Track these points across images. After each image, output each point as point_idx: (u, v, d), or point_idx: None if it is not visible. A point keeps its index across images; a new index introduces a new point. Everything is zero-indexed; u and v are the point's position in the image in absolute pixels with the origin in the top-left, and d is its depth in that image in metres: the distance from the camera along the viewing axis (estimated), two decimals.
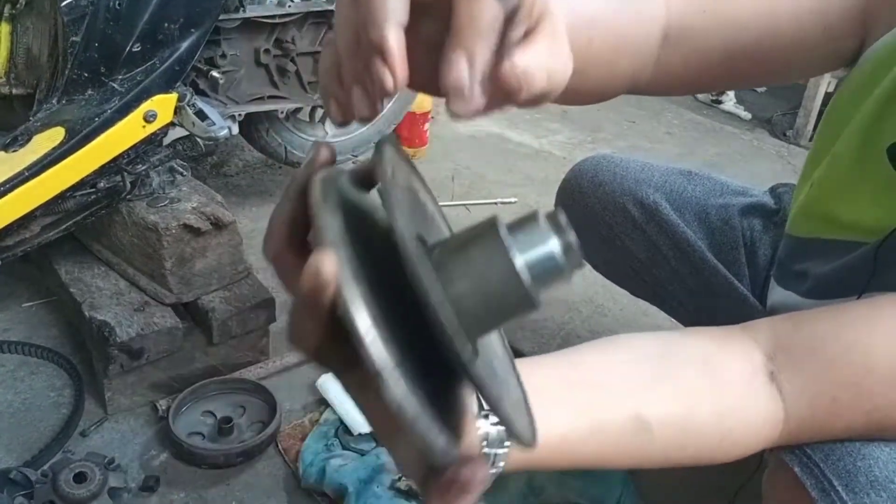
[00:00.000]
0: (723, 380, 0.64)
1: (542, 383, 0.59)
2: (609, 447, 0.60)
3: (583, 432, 0.59)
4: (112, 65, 1.18)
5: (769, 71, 0.82)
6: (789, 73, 0.85)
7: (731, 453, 0.65)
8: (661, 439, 0.61)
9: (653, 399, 0.61)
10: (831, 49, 0.80)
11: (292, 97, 1.61)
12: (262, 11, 1.46)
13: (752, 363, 0.65)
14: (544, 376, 0.60)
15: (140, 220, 1.26)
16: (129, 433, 1.23)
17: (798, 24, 0.77)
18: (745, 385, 0.64)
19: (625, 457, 0.62)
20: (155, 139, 1.24)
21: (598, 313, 1.66)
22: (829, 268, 0.84)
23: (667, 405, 0.61)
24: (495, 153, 2.37)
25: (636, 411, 0.60)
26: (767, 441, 0.65)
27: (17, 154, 1.11)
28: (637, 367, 0.63)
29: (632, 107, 2.79)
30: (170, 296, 1.28)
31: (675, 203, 1.11)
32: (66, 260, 1.35)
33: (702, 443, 0.63)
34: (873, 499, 0.61)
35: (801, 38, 0.78)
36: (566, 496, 1.15)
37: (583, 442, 0.59)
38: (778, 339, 0.66)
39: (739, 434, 0.64)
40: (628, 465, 0.63)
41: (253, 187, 2.01)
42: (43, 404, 1.27)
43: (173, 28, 1.21)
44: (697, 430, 0.63)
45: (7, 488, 1.06)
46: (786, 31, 0.77)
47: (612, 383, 0.62)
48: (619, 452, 0.61)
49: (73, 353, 1.36)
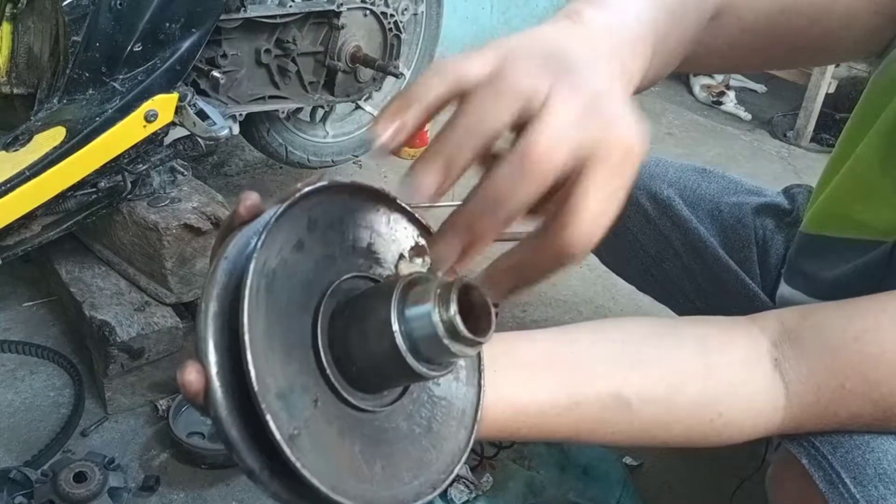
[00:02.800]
0: (719, 361, 0.64)
1: (528, 358, 0.61)
2: (588, 423, 0.61)
3: (561, 406, 0.60)
4: (113, 64, 1.18)
5: (816, 49, 0.81)
6: (835, 54, 0.84)
7: (726, 435, 0.65)
8: (642, 417, 0.62)
9: (636, 378, 0.62)
10: (877, 26, 0.78)
11: (293, 97, 1.61)
12: (264, 11, 1.46)
13: (757, 349, 0.65)
14: (532, 350, 0.62)
15: (141, 220, 1.26)
16: (130, 433, 1.23)
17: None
18: (744, 368, 0.64)
19: (605, 433, 0.62)
20: (156, 139, 1.24)
21: (597, 314, 1.66)
22: (841, 269, 0.84)
23: (651, 384, 0.62)
24: None
25: (617, 389, 0.61)
26: (768, 426, 0.65)
27: (18, 153, 1.11)
28: (626, 348, 0.64)
29: None
30: (170, 295, 1.28)
31: (688, 199, 1.11)
32: (67, 259, 1.35)
33: (690, 423, 0.63)
34: (881, 491, 0.61)
35: (851, 15, 0.77)
36: (565, 496, 1.15)
37: (560, 416, 0.60)
38: (785, 328, 0.66)
39: (734, 416, 0.64)
40: (611, 441, 0.64)
41: (253, 187, 1.99)
42: (43, 404, 1.27)
43: (174, 28, 1.21)
44: (684, 409, 0.63)
45: (7, 488, 1.06)
46: (837, 8, 0.76)
47: (597, 361, 0.63)
48: (599, 428, 0.62)
49: (73, 352, 1.36)
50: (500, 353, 0.59)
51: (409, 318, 0.42)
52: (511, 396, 0.58)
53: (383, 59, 1.68)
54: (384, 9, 1.65)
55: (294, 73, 1.58)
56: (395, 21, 1.68)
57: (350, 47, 1.61)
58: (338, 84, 1.65)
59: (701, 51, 0.73)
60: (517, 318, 1.61)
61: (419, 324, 0.42)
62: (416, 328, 0.42)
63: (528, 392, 0.59)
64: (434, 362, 0.43)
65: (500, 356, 0.59)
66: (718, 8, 0.73)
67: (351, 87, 1.68)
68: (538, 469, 1.18)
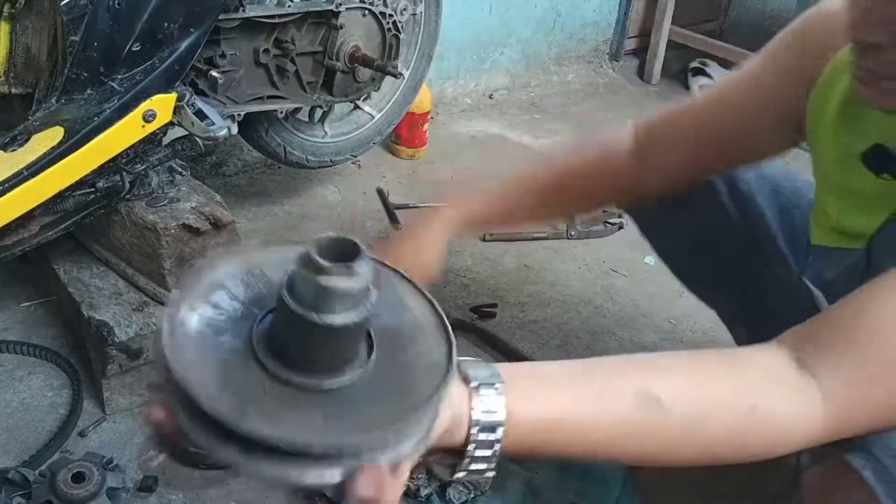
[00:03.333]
0: (743, 365, 0.65)
1: (549, 371, 0.60)
2: (618, 427, 0.59)
3: (586, 412, 0.58)
4: (111, 64, 1.18)
5: (741, 163, 1.00)
6: (756, 156, 1.00)
7: (765, 433, 0.63)
8: (674, 415, 0.59)
9: (663, 378, 0.61)
10: (781, 139, 0.96)
11: (291, 97, 1.61)
12: (262, 11, 1.46)
13: (779, 357, 0.66)
14: (554, 366, 0.61)
15: (139, 220, 1.26)
16: (128, 433, 1.23)
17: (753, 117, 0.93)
18: (769, 370, 0.65)
19: (639, 437, 0.60)
20: (154, 139, 1.24)
21: (597, 314, 1.66)
22: (834, 273, 0.88)
23: (678, 383, 0.61)
24: (495, 154, 2.37)
25: (646, 387, 0.59)
26: (808, 424, 0.64)
27: (16, 153, 1.11)
28: (649, 359, 0.64)
29: (632, 108, 2.79)
30: (169, 295, 1.27)
31: (754, 175, 1.10)
32: (65, 259, 1.35)
33: (724, 419, 0.62)
34: None
35: (756, 144, 0.97)
36: (564, 496, 1.15)
37: (586, 422, 0.58)
38: (801, 335, 0.68)
39: (771, 407, 0.63)
40: (647, 447, 0.61)
41: (252, 187, 2.00)
42: (41, 404, 1.27)
43: (173, 28, 1.21)
44: (715, 403, 0.61)
45: (5, 488, 1.06)
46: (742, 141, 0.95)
47: (622, 369, 0.62)
48: (632, 432, 0.59)
49: (71, 352, 1.36)
50: (522, 373, 0.59)
51: (288, 282, 0.48)
52: (539, 409, 0.56)
53: (382, 59, 1.68)
54: (383, 9, 1.65)
55: (293, 73, 1.58)
56: (394, 21, 1.68)
57: (349, 47, 1.61)
58: (336, 84, 1.65)
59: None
60: (516, 318, 1.61)
61: (295, 282, 0.48)
62: (294, 285, 0.48)
63: (557, 403, 0.57)
64: (322, 308, 0.47)
65: (522, 375, 0.58)
66: (642, 148, 0.97)
67: (349, 87, 1.68)
68: (537, 469, 1.18)
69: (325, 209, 1.94)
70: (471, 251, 1.82)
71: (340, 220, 1.90)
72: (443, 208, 0.99)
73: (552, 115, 2.70)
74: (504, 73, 2.76)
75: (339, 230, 1.86)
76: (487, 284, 1.71)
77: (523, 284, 1.73)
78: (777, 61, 0.93)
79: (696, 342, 1.58)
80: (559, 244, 1.88)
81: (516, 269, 1.79)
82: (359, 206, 1.97)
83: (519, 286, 1.72)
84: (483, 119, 2.59)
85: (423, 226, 0.99)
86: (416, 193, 2.06)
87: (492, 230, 1.75)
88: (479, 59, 2.65)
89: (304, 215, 1.91)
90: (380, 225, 1.89)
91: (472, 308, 1.58)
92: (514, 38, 2.72)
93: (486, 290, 1.69)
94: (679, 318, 1.64)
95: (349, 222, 1.89)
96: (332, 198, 2.00)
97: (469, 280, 1.72)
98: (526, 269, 1.78)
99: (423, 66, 1.94)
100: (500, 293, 1.67)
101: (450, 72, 2.58)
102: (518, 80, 2.81)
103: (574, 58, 2.98)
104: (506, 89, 2.78)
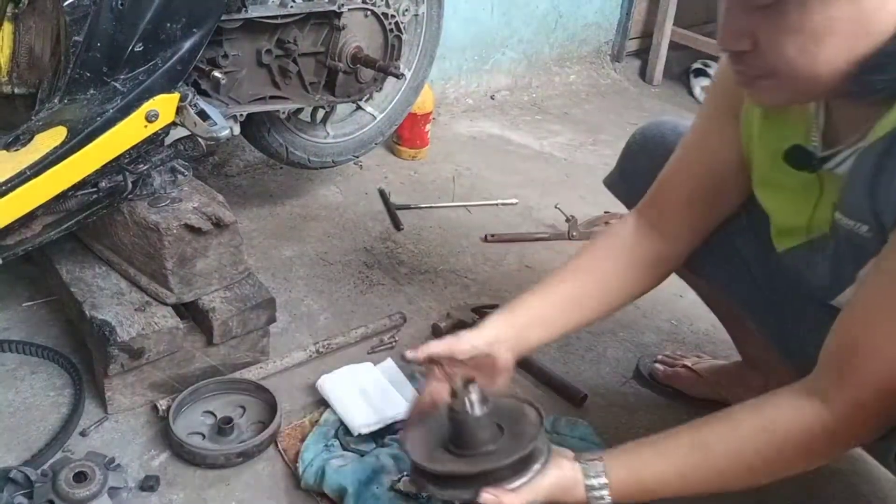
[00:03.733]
0: (767, 403, 0.84)
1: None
2: (677, 469, 0.85)
3: (661, 475, 0.85)
4: (114, 64, 1.18)
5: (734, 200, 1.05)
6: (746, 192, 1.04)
7: (786, 448, 0.81)
8: (716, 451, 0.83)
9: (704, 427, 0.86)
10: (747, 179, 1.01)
11: (294, 98, 1.61)
12: (265, 12, 1.46)
13: (792, 388, 0.83)
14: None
15: (141, 220, 1.26)
16: (130, 433, 1.24)
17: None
18: (784, 398, 0.83)
19: (697, 476, 0.85)
20: (156, 139, 1.24)
21: None
22: (816, 268, 0.94)
23: (714, 426, 0.85)
24: (496, 154, 2.37)
25: (694, 438, 0.86)
26: (811, 427, 0.80)
27: (19, 153, 1.11)
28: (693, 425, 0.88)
29: (633, 109, 2.79)
30: (170, 296, 1.28)
31: None
32: (67, 259, 1.35)
33: (752, 443, 0.82)
34: None
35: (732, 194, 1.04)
36: None
37: (658, 480, 0.85)
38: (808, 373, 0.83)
39: (782, 424, 0.81)
40: (707, 483, 0.85)
41: (254, 188, 2.01)
42: (43, 404, 1.27)
43: (175, 28, 1.21)
44: (744, 435, 0.83)
45: (7, 487, 1.06)
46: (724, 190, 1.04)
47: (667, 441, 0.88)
48: (689, 473, 0.85)
49: (73, 352, 1.36)
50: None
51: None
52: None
53: (384, 59, 1.68)
54: (385, 9, 1.65)
55: (295, 74, 1.58)
56: (396, 22, 1.68)
57: (351, 48, 1.61)
58: (338, 85, 1.65)
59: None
60: None
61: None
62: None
63: (618, 472, 0.87)
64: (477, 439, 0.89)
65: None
66: (653, 225, 1.08)
67: (352, 88, 1.69)
68: None
69: (326, 210, 1.94)
70: (472, 252, 1.82)
71: (342, 220, 1.90)
72: (503, 343, 1.02)
73: (554, 116, 2.70)
74: (506, 73, 2.77)
75: (341, 230, 1.86)
76: (489, 285, 1.71)
77: (525, 285, 1.71)
78: (714, 106, 1.03)
79: (697, 343, 1.58)
80: (560, 245, 1.88)
81: (518, 269, 1.79)
82: (360, 206, 1.98)
83: (520, 287, 1.71)
84: (485, 120, 2.59)
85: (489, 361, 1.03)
86: (417, 194, 2.06)
87: None
88: (480, 59, 2.66)
89: (306, 216, 1.91)
90: (381, 226, 1.89)
91: (474, 308, 1.58)
92: (515, 38, 2.72)
93: (488, 291, 1.69)
94: (680, 320, 1.64)
95: (351, 223, 1.89)
96: (333, 198, 2.00)
97: (470, 280, 1.72)
98: (527, 270, 1.79)
99: (425, 67, 1.94)
100: (502, 294, 1.67)
101: (452, 72, 2.58)
102: (520, 80, 2.81)
103: (576, 59, 2.99)
104: (507, 90, 2.78)
